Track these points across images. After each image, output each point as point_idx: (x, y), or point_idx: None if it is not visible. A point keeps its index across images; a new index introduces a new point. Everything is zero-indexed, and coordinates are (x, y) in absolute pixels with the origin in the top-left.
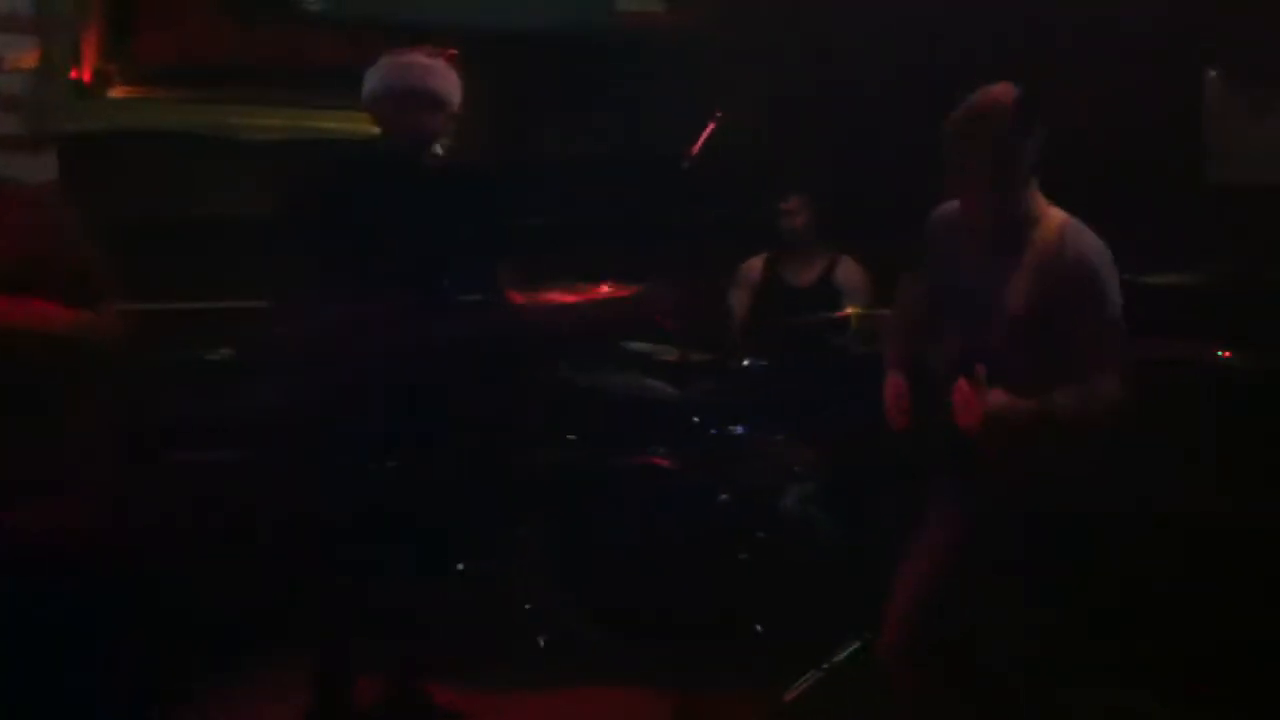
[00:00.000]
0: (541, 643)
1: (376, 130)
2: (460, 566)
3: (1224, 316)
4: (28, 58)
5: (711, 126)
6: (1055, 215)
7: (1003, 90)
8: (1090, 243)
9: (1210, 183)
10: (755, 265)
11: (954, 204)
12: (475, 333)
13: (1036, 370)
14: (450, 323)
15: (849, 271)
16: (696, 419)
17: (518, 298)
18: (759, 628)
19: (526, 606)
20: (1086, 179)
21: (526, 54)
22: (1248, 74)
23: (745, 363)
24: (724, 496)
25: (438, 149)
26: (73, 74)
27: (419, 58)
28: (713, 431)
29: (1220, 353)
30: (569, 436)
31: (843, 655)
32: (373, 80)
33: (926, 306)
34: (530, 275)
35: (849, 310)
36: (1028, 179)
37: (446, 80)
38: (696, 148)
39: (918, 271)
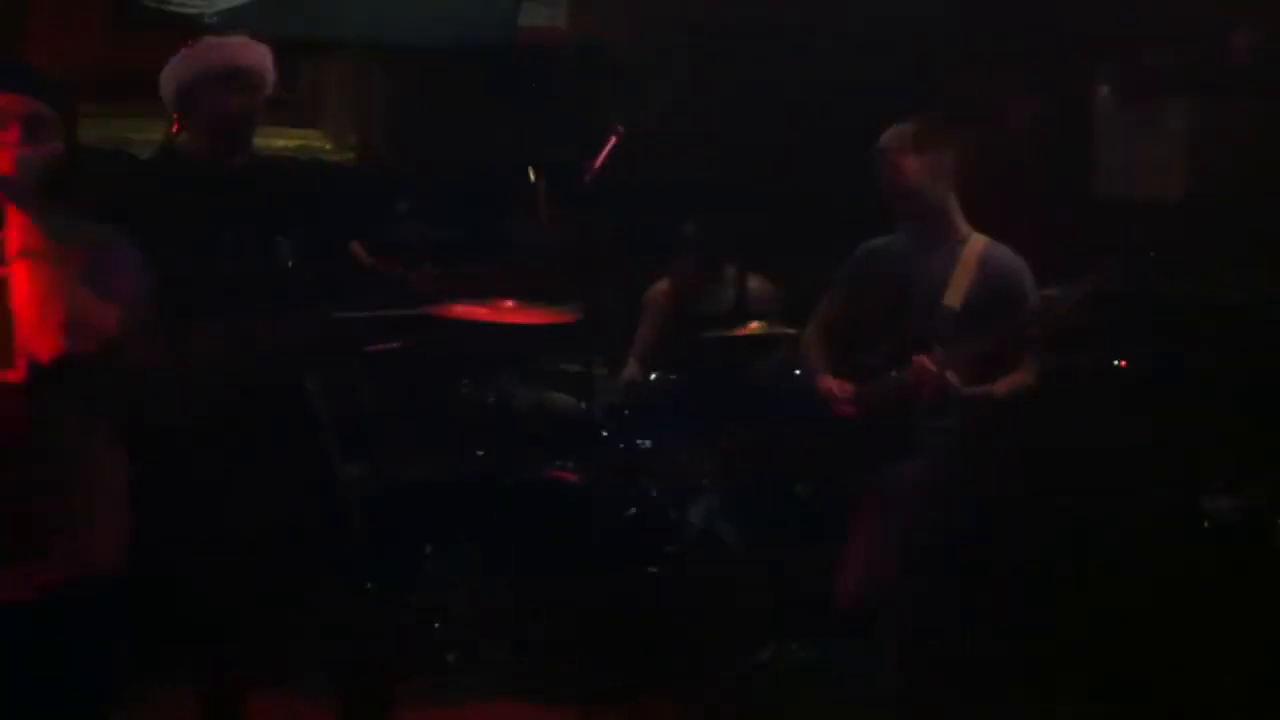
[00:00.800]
0: (450, 659)
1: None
2: (367, 584)
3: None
4: None
5: (613, 141)
6: (977, 235)
7: (902, 132)
8: (1012, 256)
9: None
10: (660, 289)
11: (884, 238)
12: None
13: (967, 359)
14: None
15: (759, 289)
16: (604, 433)
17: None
18: (674, 640)
19: (435, 625)
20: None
21: (428, 66)
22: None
23: (652, 376)
24: (631, 510)
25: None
26: None
27: (216, 39)
28: (620, 445)
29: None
30: (476, 451)
31: (753, 664)
32: (182, 68)
33: (846, 320)
34: (436, 288)
35: (753, 326)
36: (944, 202)
37: (266, 56)
38: (598, 162)
39: (836, 291)
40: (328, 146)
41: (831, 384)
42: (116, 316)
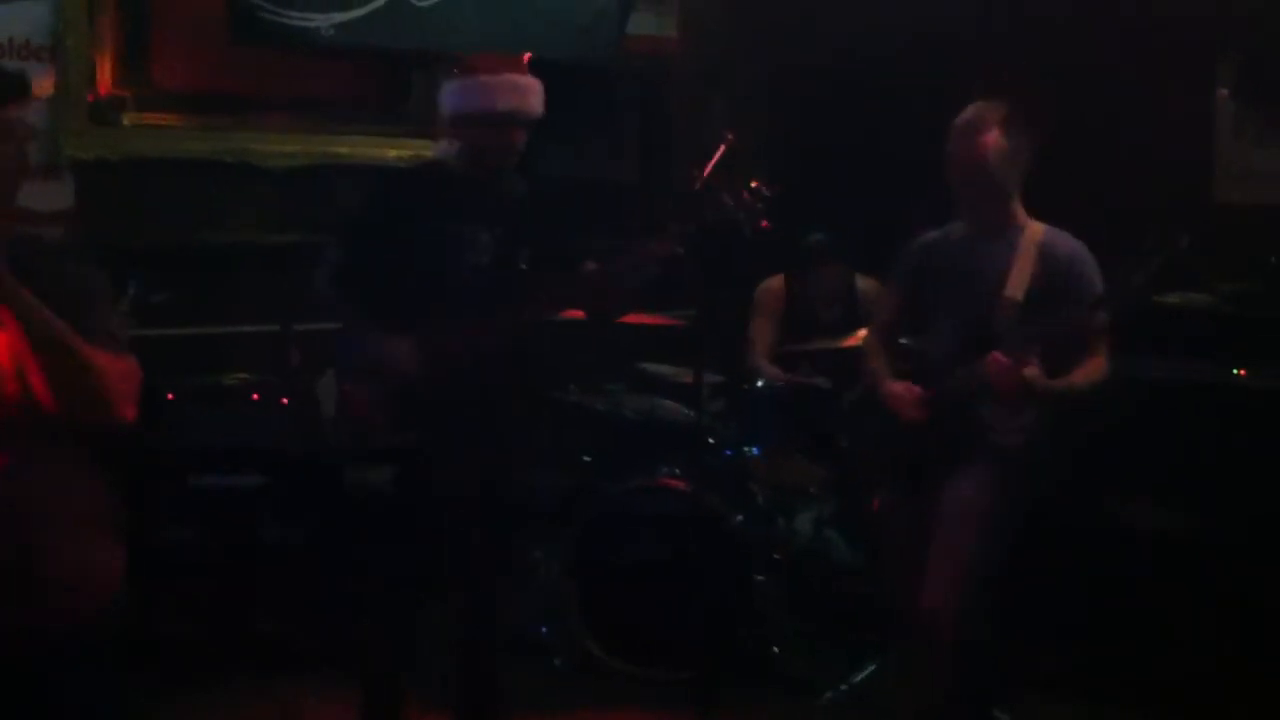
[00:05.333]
0: (557, 664)
1: (385, 154)
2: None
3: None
4: (44, 85)
5: (723, 149)
6: (1035, 223)
7: (991, 108)
8: (1073, 241)
9: (1220, 202)
10: (774, 287)
11: (935, 232)
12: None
13: (1033, 352)
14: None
15: (869, 292)
16: (712, 440)
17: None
18: (775, 649)
19: (543, 629)
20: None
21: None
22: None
23: (760, 384)
24: (739, 518)
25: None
26: (89, 101)
27: (507, 76)
28: (728, 453)
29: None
30: (584, 458)
31: (861, 676)
32: (460, 100)
33: (906, 321)
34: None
35: (862, 334)
36: (1013, 189)
37: (538, 97)
38: (708, 170)
39: (892, 290)
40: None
41: (898, 388)
42: (106, 359)
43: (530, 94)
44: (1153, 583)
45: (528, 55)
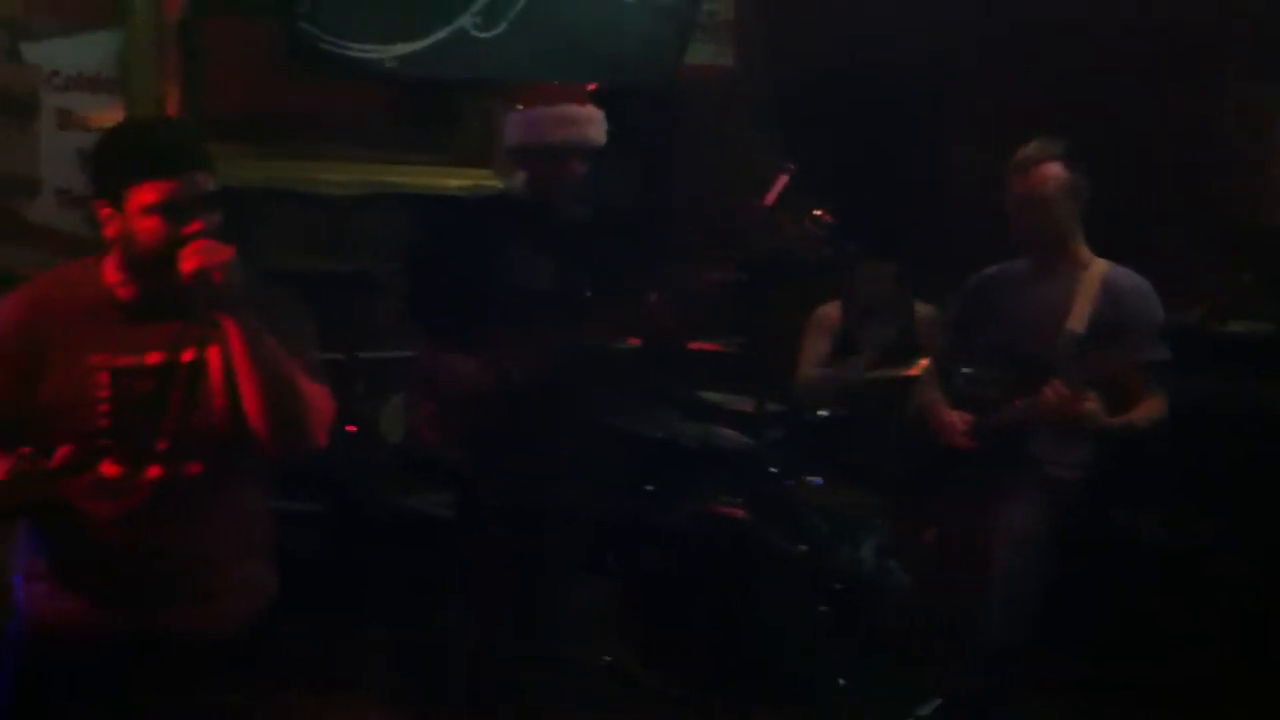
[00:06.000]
0: (615, 689)
1: (442, 183)
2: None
3: None
4: (111, 116)
5: (784, 179)
6: (1098, 259)
7: (1050, 144)
8: (1137, 277)
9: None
10: (829, 312)
11: (996, 266)
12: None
13: (1094, 385)
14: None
15: (926, 318)
16: (773, 469)
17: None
18: (841, 681)
19: (606, 658)
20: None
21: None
22: None
23: (823, 413)
24: (802, 547)
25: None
26: None
27: (565, 109)
28: (789, 482)
29: None
30: (646, 486)
31: (926, 711)
32: (519, 133)
33: (961, 353)
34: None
35: (923, 365)
36: (1075, 224)
37: (599, 126)
38: (770, 199)
39: (949, 323)
40: (499, 185)
41: (951, 415)
42: (308, 376)
43: (588, 125)
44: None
45: (591, 85)
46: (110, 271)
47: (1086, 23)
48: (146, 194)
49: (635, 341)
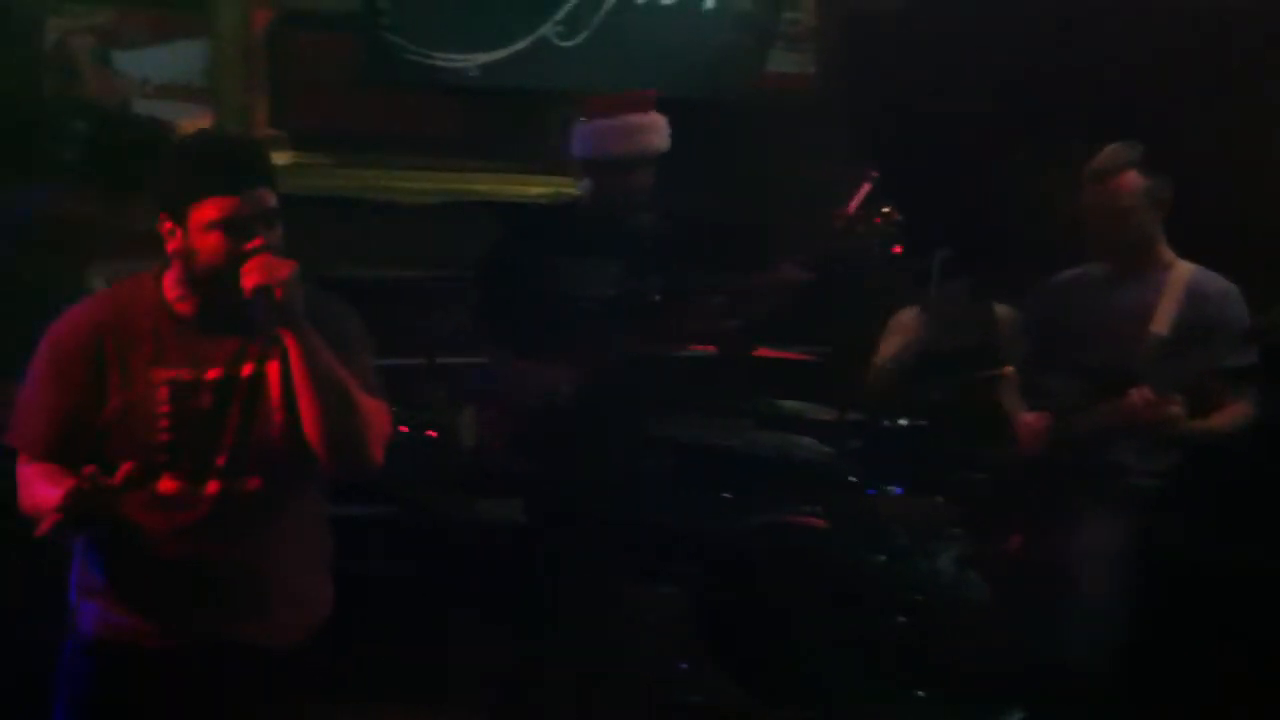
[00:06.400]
0: (692, 700)
1: (524, 191)
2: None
3: None
4: (199, 124)
5: (867, 187)
6: (1183, 262)
7: (1127, 149)
8: (1223, 281)
9: None
10: (908, 318)
11: (1073, 270)
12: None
13: (1179, 389)
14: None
15: (1007, 321)
16: (852, 479)
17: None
18: (920, 693)
19: (683, 666)
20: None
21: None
22: None
23: (903, 421)
24: (881, 558)
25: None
26: None
27: (626, 120)
28: (869, 491)
29: None
30: (724, 495)
31: None
32: (582, 146)
33: (1038, 357)
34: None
35: (1008, 370)
36: (1156, 230)
37: (662, 135)
38: (852, 208)
39: (1027, 328)
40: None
41: (1032, 422)
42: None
43: (650, 135)
44: None
45: (653, 93)
46: (170, 286)
47: (1166, 25)
48: (208, 210)
49: (710, 349)
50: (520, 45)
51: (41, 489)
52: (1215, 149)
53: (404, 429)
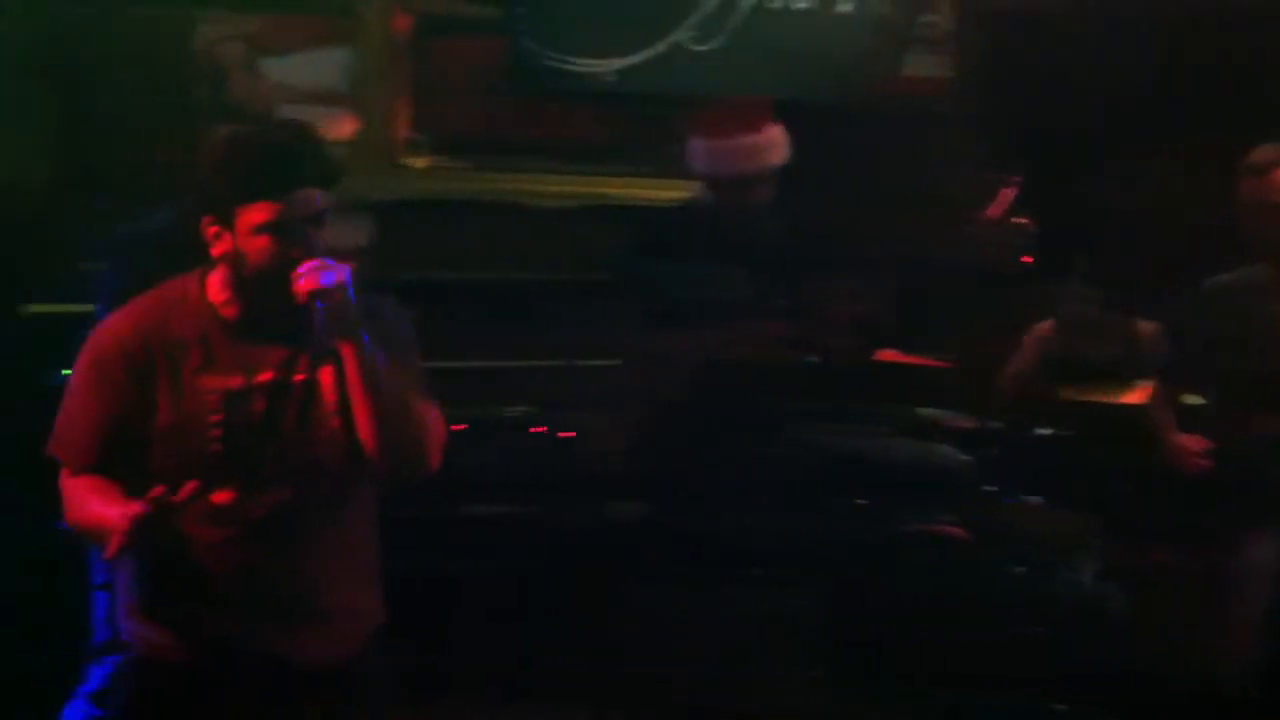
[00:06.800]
0: (827, 706)
1: (657, 195)
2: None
3: None
4: (344, 128)
5: (1009, 193)
6: None
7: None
8: None
9: None
10: (1043, 330)
11: (1226, 275)
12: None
13: None
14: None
15: (1150, 336)
16: (991, 488)
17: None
18: (1059, 707)
19: (815, 675)
20: None
21: (810, 121)
22: None
23: (1042, 431)
24: (1019, 568)
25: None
26: (384, 145)
27: (747, 139)
28: (1007, 501)
29: None
30: (858, 501)
31: None
32: (694, 162)
33: (1194, 369)
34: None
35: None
36: None
37: (779, 150)
38: (995, 213)
39: (1180, 337)
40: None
41: (1183, 440)
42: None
43: (764, 152)
44: None
45: (769, 104)
46: (216, 289)
47: None
48: (256, 213)
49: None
50: (655, 50)
51: (93, 505)
52: None
53: (540, 430)
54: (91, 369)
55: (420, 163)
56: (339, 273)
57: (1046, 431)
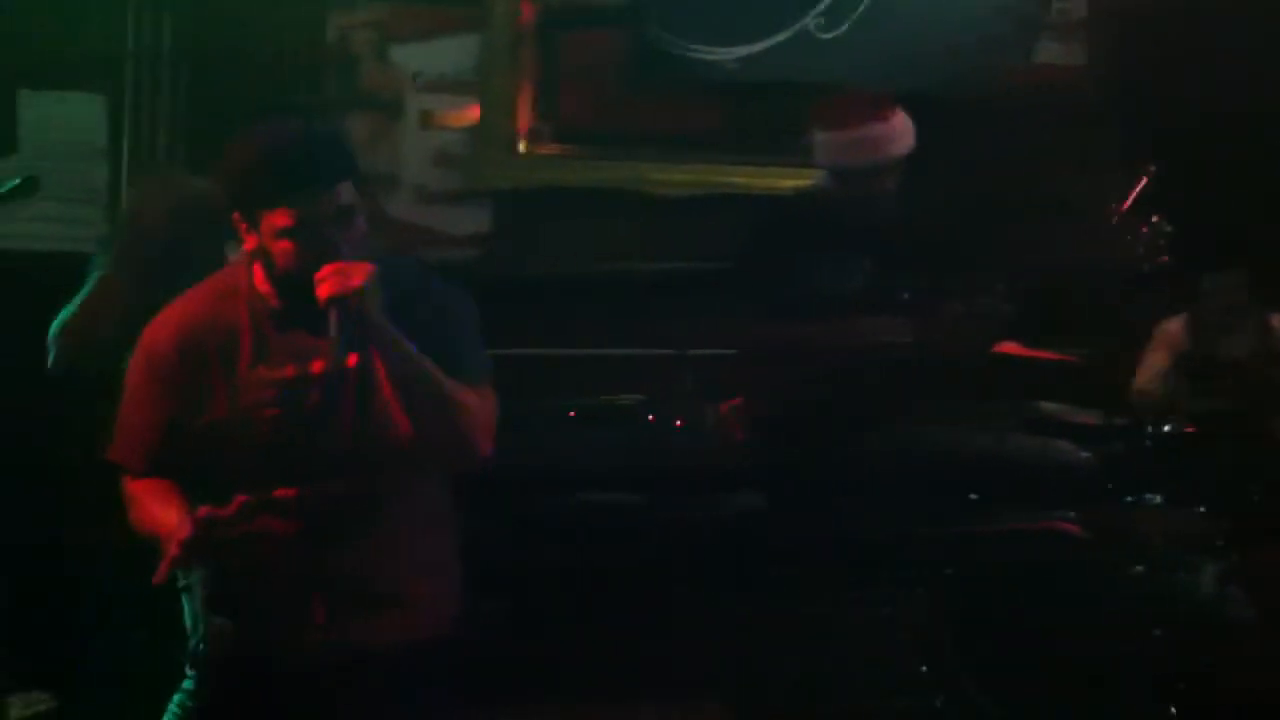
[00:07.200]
0: (937, 704)
1: (779, 184)
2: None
3: None
4: (468, 117)
5: (1143, 181)
6: None
7: None
8: None
9: None
10: (1174, 328)
11: None
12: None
13: None
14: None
15: None
16: (1110, 485)
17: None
18: (1173, 710)
19: (923, 668)
20: None
21: (938, 110)
22: None
23: (1166, 428)
24: (1138, 568)
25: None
26: (507, 133)
27: (872, 129)
28: (1127, 499)
29: None
30: (970, 496)
31: None
32: (818, 154)
33: None
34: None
35: None
36: None
37: (904, 139)
38: (1127, 204)
39: None
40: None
41: None
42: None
43: (888, 142)
44: None
45: (892, 95)
46: (261, 279)
47: None
48: (278, 217)
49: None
50: (780, 37)
51: (152, 514)
52: None
53: (651, 419)
54: (145, 370)
55: (543, 151)
56: (357, 276)
57: (1169, 429)
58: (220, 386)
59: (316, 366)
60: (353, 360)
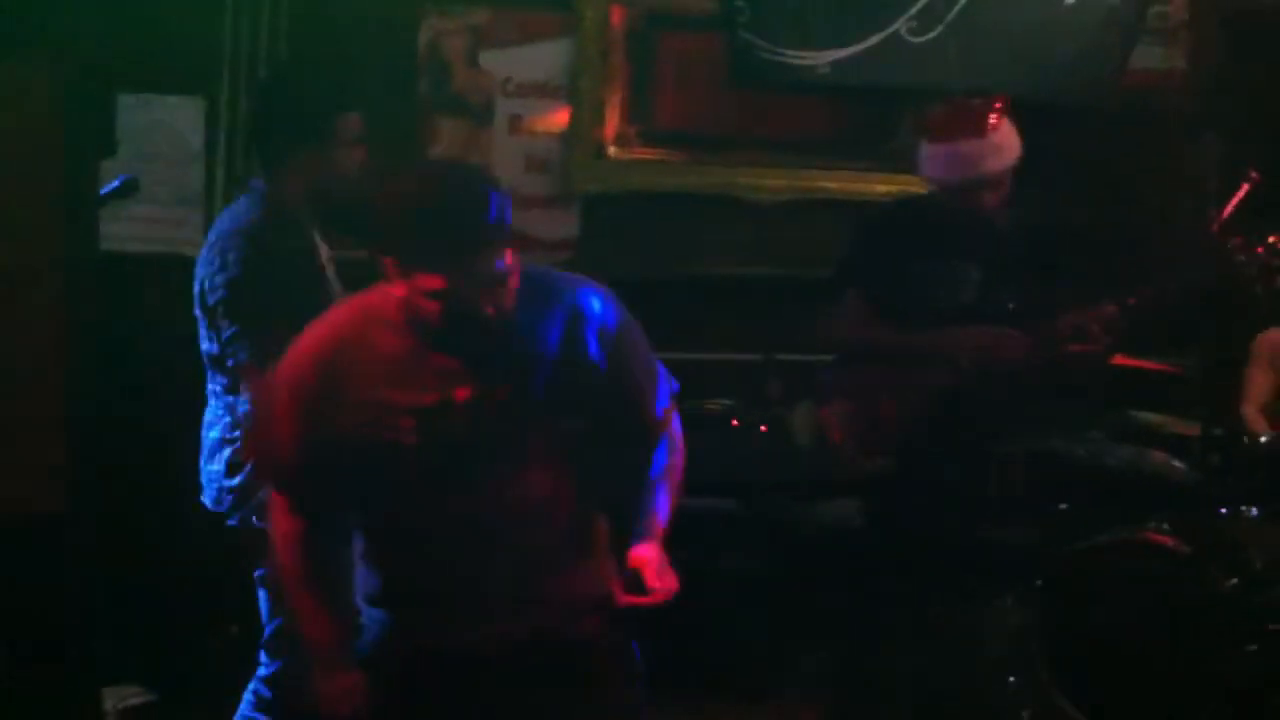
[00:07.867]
0: (1025, 716)
1: (872, 189)
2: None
3: None
4: (557, 121)
5: (1246, 188)
6: None
7: None
8: None
9: None
10: (1274, 339)
11: None
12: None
13: None
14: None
15: None
16: (1208, 496)
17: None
18: None
19: (1010, 679)
20: None
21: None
22: None
23: (1264, 439)
24: (1233, 581)
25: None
26: (597, 137)
27: (978, 143)
28: (1223, 511)
29: None
30: (1060, 506)
31: None
32: (925, 167)
33: None
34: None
35: None
36: None
37: (1009, 152)
38: (1228, 211)
39: None
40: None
41: None
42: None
43: (994, 156)
44: None
45: (1000, 105)
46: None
47: None
48: (428, 281)
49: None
50: (871, 41)
51: (307, 608)
52: None
53: (735, 423)
54: (287, 387)
55: (633, 155)
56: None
57: (1266, 439)
58: (356, 410)
59: (460, 394)
60: (500, 391)
